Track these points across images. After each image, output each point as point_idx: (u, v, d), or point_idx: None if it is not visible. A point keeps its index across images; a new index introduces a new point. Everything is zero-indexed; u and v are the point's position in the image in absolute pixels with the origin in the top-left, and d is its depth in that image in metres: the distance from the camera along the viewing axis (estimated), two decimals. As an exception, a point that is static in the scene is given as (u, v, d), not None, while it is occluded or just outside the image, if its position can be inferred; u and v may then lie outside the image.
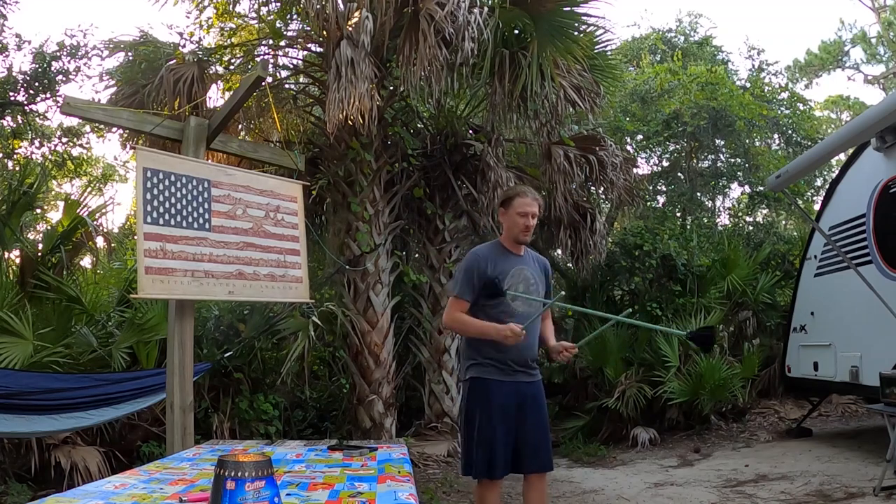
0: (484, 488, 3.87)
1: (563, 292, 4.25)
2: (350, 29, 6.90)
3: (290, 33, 9.14)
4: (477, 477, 3.86)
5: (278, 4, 8.86)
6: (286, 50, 9.26)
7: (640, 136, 15.53)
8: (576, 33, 7.92)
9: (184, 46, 8.39)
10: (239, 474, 1.97)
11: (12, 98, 10.05)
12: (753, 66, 19.69)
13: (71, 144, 12.21)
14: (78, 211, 7.48)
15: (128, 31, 12.28)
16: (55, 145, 12.01)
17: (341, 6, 7.14)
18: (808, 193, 15.63)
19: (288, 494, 2.53)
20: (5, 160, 11.00)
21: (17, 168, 9.72)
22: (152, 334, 6.94)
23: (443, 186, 9.16)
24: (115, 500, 2.49)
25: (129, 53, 8.16)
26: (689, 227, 13.98)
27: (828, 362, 7.83)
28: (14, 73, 10.00)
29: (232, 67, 8.86)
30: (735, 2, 48.82)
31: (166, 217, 4.80)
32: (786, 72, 25.19)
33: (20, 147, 11.26)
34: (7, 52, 9.96)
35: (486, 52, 7.19)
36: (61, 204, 8.72)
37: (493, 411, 3.83)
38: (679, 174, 16.40)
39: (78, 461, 6.05)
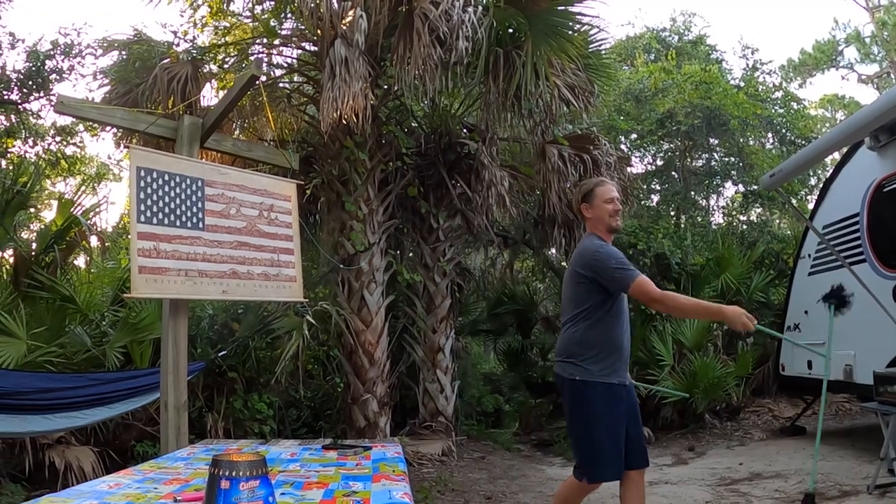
0: (579, 488, 3.92)
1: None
2: (344, 28, 6.89)
3: (284, 32, 9.14)
4: (595, 481, 3.87)
5: (272, 3, 8.86)
6: (280, 49, 9.26)
7: (634, 135, 15.58)
8: (570, 32, 7.93)
9: (178, 45, 8.38)
10: (233, 474, 1.97)
11: (6, 97, 10.02)
12: (747, 65, 19.79)
13: (65, 143, 12.20)
14: (72, 210, 7.46)
15: (122, 30, 12.31)
16: (49, 144, 12.00)
17: (335, 5, 7.13)
18: (802, 192, 15.66)
19: (283, 494, 2.53)
20: (-1, 159, 10.98)
21: (11, 167, 9.69)
22: (146, 334, 6.92)
23: (437, 185, 9.16)
24: (109, 500, 2.48)
25: (123, 52, 8.15)
26: (683, 225, 14.04)
27: (822, 361, 7.84)
28: (7, 72, 9.97)
29: (226, 66, 8.85)
30: (729, 1, 48.94)
31: (160, 216, 4.78)
32: (780, 71, 25.33)
33: (13, 146, 11.23)
34: (0, 51, 9.94)
35: (480, 51, 7.20)
36: (55, 203, 8.71)
37: (607, 413, 3.81)
38: (673, 173, 16.44)
39: (72, 461, 6.02)
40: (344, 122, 6.64)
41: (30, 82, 10.04)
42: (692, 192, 16.08)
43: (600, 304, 3.87)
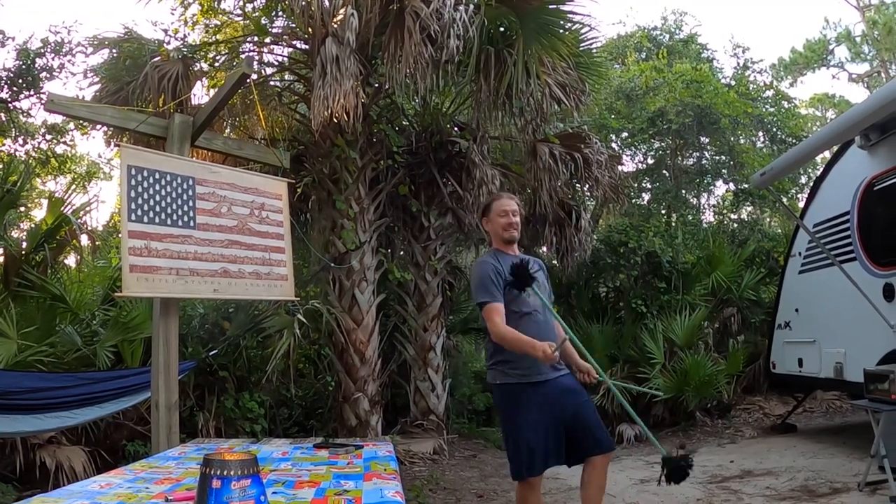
0: (522, 488, 3.97)
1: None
2: (335, 26, 6.88)
3: (275, 30, 9.11)
4: (517, 479, 3.95)
5: (263, 1, 8.83)
6: (271, 47, 9.23)
7: (625, 134, 15.61)
8: (561, 31, 7.94)
9: (168, 43, 8.35)
10: (225, 473, 1.96)
11: (-5, 95, 9.98)
12: (738, 64, 19.88)
13: (55, 142, 12.13)
14: (62, 209, 7.41)
15: (112, 28, 12.24)
16: (39, 143, 11.95)
17: (326, 3, 7.11)
18: (793, 191, 15.75)
19: (274, 493, 2.52)
20: (-12, 157, 10.92)
21: (1, 166, 9.64)
22: (137, 333, 6.89)
23: (428, 184, 9.16)
24: (100, 500, 2.47)
25: (114, 50, 8.11)
26: (674, 224, 14.07)
27: (812, 359, 7.87)
28: (-3, 70, 9.93)
29: (217, 64, 8.81)
30: (720, 0, 49.06)
31: (151, 215, 4.76)
32: (770, 70, 25.38)
33: (4, 144, 11.18)
34: (-10, 49, 9.90)
35: (471, 50, 7.19)
36: (45, 202, 8.65)
37: (524, 413, 3.87)
38: (664, 172, 16.49)
39: (63, 461, 6.01)
40: (335, 120, 6.63)
41: (20, 80, 9.98)
42: (683, 191, 16.13)
43: None
